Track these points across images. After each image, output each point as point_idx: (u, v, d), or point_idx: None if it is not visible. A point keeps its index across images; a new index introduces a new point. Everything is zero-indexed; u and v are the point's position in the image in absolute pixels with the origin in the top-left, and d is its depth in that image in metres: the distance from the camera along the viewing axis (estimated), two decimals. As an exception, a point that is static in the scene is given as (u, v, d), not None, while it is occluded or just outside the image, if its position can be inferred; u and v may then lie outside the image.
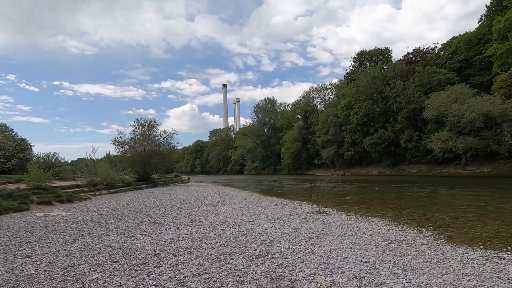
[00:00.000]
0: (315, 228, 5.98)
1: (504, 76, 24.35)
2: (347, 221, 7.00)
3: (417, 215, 8.03)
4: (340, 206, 10.12)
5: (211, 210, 8.58)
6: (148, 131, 25.30)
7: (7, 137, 26.10)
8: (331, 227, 6.11)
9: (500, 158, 26.94)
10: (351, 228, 6.03)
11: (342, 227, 6.18)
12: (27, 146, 31.01)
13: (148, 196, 13.78)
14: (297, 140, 61.22)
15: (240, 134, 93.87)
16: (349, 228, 6.08)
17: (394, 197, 12.80)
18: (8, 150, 22.26)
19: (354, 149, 45.46)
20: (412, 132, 34.81)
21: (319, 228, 6.00)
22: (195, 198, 12.73)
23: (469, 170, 29.22)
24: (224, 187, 23.31)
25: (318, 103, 69.40)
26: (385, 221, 7.10)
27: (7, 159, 22.07)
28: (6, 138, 25.40)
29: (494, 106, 21.97)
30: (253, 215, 7.64)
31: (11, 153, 22.46)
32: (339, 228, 6.01)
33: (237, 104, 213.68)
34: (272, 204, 10.57)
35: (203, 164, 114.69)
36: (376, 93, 40.31)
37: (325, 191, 8.86)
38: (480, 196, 12.20)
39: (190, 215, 7.60)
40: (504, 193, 13.46)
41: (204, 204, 10.30)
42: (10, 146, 22.78)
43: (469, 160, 29.80)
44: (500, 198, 11.58)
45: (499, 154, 26.64)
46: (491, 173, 26.63)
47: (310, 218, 7.37)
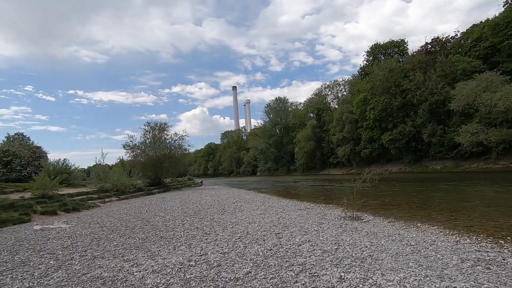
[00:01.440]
0: (360, 242, 4.75)
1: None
2: (393, 230, 5.73)
3: (476, 220, 6.63)
4: (373, 210, 8.82)
5: (228, 219, 7.45)
6: (159, 134, 24.55)
7: (23, 145, 26.01)
8: (380, 240, 4.85)
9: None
10: (406, 241, 4.76)
11: (394, 240, 4.91)
12: (42, 153, 30.98)
13: (159, 202, 12.83)
14: (311, 139, 59.58)
15: (252, 135, 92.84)
16: (403, 241, 4.81)
17: (431, 197, 11.33)
18: (24, 158, 21.99)
19: (372, 146, 43.51)
20: (435, 125, 32.72)
21: (366, 242, 4.76)
22: (209, 203, 11.67)
23: (502, 164, 27.01)
24: (239, 189, 22.22)
25: (331, 100, 67.52)
26: (441, 230, 5.77)
27: (23, 167, 21.78)
28: (22, 146, 25.27)
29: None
30: (278, 224, 6.46)
31: (27, 161, 22.19)
32: (391, 242, 4.75)
33: (247, 106, 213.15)
34: (296, 208, 9.36)
35: (216, 167, 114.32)
36: (393, 87, 38.33)
37: (353, 192, 7.60)
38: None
39: (204, 226, 6.49)
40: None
41: (219, 210, 9.20)
42: (25, 154, 22.52)
43: (500, 153, 27.59)
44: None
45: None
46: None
47: (346, 226, 6.13)
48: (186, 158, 30.13)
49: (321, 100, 68.18)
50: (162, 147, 24.17)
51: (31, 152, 25.54)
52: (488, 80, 23.50)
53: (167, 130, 24.90)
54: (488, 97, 22.25)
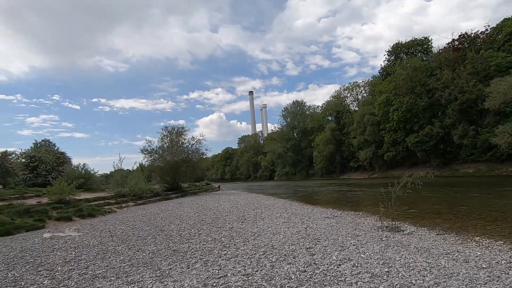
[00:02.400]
0: (414, 262, 3.84)
1: None
2: (448, 246, 4.76)
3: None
4: (412, 219, 7.77)
5: (249, 228, 6.68)
6: (176, 138, 24.31)
7: (48, 151, 26.69)
8: (438, 260, 3.92)
9: None
10: (474, 262, 3.79)
11: (455, 259, 3.96)
12: (66, 159, 31.70)
13: (175, 208, 12.28)
14: (330, 142, 57.99)
15: (269, 139, 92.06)
16: (468, 261, 3.85)
17: (476, 204, 10.05)
18: (49, 164, 22.41)
19: (396, 149, 41.48)
20: (466, 126, 30.55)
21: (421, 262, 3.84)
22: (227, 210, 10.97)
23: (545, 167, 24.64)
24: (257, 195, 21.44)
25: (350, 102, 65.69)
26: (510, 246, 4.72)
27: (48, 172, 22.17)
28: (47, 152, 25.91)
29: None
30: (306, 236, 5.62)
31: (51, 166, 22.59)
32: (454, 263, 3.80)
33: (264, 110, 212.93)
34: (322, 216, 8.46)
35: (233, 171, 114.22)
36: (418, 86, 36.39)
37: (392, 199, 6.61)
38: None
39: (223, 237, 5.76)
40: None
41: (238, 218, 8.45)
42: (50, 159, 22.95)
43: (542, 155, 25.22)
44: None
45: None
46: None
47: (388, 240, 5.20)
48: (204, 163, 29.73)
49: (340, 103, 66.48)
50: (180, 152, 23.88)
51: (56, 157, 26.14)
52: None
53: (185, 134, 24.65)
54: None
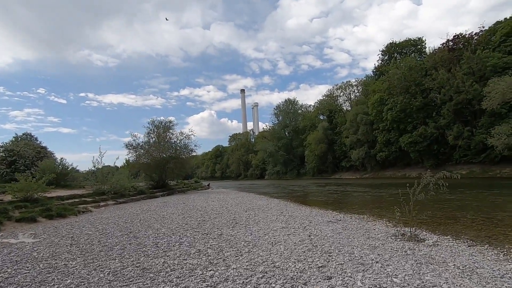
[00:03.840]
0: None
1: None
2: (496, 265, 3.79)
3: None
4: (427, 225, 6.82)
5: (242, 235, 5.57)
6: (164, 133, 22.92)
7: (28, 145, 24.99)
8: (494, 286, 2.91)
9: None
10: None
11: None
12: (47, 153, 29.82)
13: (158, 209, 11.04)
14: (322, 142, 57.34)
15: (260, 137, 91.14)
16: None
17: (489, 207, 9.21)
18: (28, 158, 20.77)
19: (388, 149, 41.06)
20: (461, 127, 30.21)
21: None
22: (216, 211, 9.81)
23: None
24: (248, 194, 20.35)
25: (343, 101, 65.23)
26: None
27: (26, 167, 20.52)
28: (27, 146, 24.22)
29: None
30: (313, 247, 4.54)
31: (31, 161, 20.94)
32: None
33: (255, 109, 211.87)
34: (324, 220, 7.43)
35: (223, 170, 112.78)
36: (413, 86, 35.97)
37: (411, 203, 5.62)
38: None
39: (209, 248, 4.61)
40: None
41: (229, 222, 7.32)
42: (30, 154, 21.29)
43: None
44: None
45: None
46: None
47: (416, 254, 4.19)
48: (194, 160, 28.45)
49: (332, 102, 65.94)
50: (167, 147, 22.52)
51: (36, 152, 24.40)
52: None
53: (173, 129, 23.29)
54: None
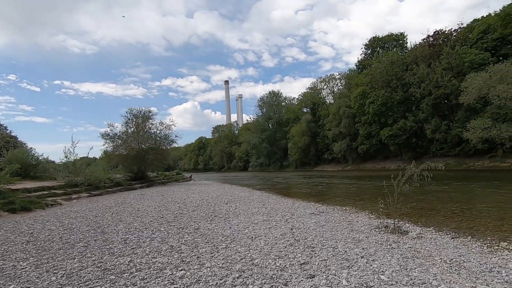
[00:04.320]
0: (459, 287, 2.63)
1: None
2: (482, 258, 3.70)
3: None
4: (409, 216, 6.75)
5: (220, 229, 5.22)
6: (143, 123, 22.01)
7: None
8: (486, 282, 2.75)
9: (547, 148, 23.32)
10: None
11: (508, 281, 2.81)
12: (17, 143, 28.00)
13: (134, 201, 10.49)
14: (305, 134, 57.71)
15: (244, 129, 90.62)
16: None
17: (467, 198, 9.37)
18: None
19: (370, 142, 41.85)
20: (439, 121, 31.12)
21: (465, 286, 2.64)
22: (195, 203, 9.41)
23: (510, 162, 25.59)
24: (231, 185, 20.03)
25: (326, 94, 65.76)
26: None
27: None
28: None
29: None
30: (295, 242, 4.28)
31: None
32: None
33: (239, 101, 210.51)
34: (307, 212, 7.23)
35: (206, 161, 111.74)
36: (394, 80, 36.60)
37: (395, 194, 5.48)
38: None
39: (183, 244, 4.24)
40: None
41: (207, 215, 6.95)
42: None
43: (506, 151, 26.15)
44: None
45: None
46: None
47: (401, 248, 4.02)
48: (176, 152, 27.72)
49: (316, 95, 66.32)
50: (146, 138, 21.69)
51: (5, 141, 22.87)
52: (503, 71, 21.83)
53: (152, 119, 22.41)
54: (504, 89, 20.59)
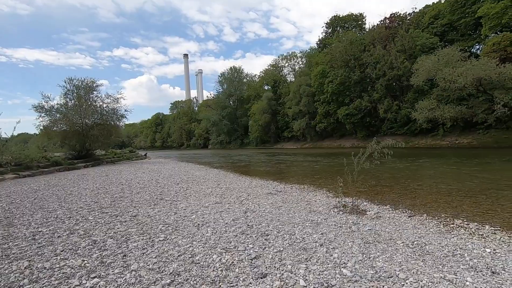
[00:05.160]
0: (421, 275, 2.30)
1: (497, 38, 22.49)
2: (441, 239, 3.54)
3: None
4: (366, 194, 6.64)
5: (162, 216, 4.49)
6: (86, 95, 19.53)
7: None
8: (456, 270, 2.49)
9: (479, 128, 25.95)
10: (492, 268, 2.46)
11: (482, 272, 2.58)
12: None
13: (70, 183, 9.15)
14: (266, 112, 57.60)
15: (204, 106, 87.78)
16: (488, 268, 2.51)
17: (418, 175, 9.76)
18: None
19: (327, 120, 43.10)
20: (391, 101, 32.84)
21: (438, 278, 2.33)
22: (142, 184, 8.46)
23: (448, 141, 28.16)
24: (188, 164, 19.07)
25: (287, 72, 65.75)
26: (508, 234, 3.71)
27: None
28: None
29: (490, 70, 20.02)
30: (247, 228, 3.74)
31: None
32: (475, 273, 2.41)
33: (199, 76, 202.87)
34: (265, 192, 6.79)
35: (164, 139, 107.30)
36: (352, 60, 37.43)
37: (355, 172, 5.22)
38: None
39: (110, 239, 3.44)
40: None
41: (152, 198, 6.13)
42: None
43: (446, 131, 28.68)
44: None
45: (478, 124, 25.58)
46: (471, 144, 25.63)
47: (361, 230, 3.72)
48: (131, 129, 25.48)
49: (277, 72, 65.94)
50: (90, 112, 19.37)
51: None
52: (449, 55, 23.25)
53: (97, 91, 19.98)
54: (449, 72, 22.00)
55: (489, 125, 24.44)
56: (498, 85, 20.89)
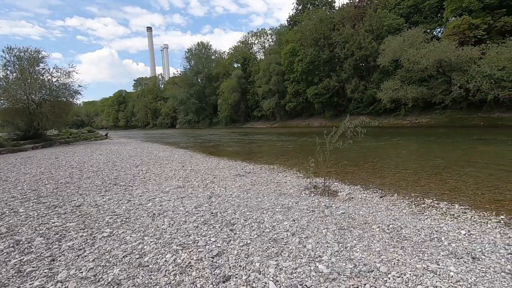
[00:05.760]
0: (411, 273, 2.05)
1: (457, 22, 23.39)
2: (416, 221, 3.41)
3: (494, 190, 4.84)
4: (336, 174, 6.50)
5: (113, 205, 3.89)
6: (30, 67, 17.23)
7: None
8: (439, 258, 2.29)
9: (436, 108, 27.51)
10: (492, 262, 2.31)
11: (463, 260, 2.41)
12: None
13: (8, 167, 7.98)
14: (235, 90, 56.28)
15: (171, 83, 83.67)
16: (483, 260, 2.35)
17: (384, 153, 9.92)
18: None
19: (297, 100, 43.17)
20: (358, 81, 33.48)
21: (421, 270, 2.09)
22: (96, 167, 7.60)
23: (409, 120, 29.62)
24: (152, 144, 18.00)
25: (257, 50, 64.22)
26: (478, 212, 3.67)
27: None
28: None
29: (449, 52, 20.91)
30: (211, 217, 3.30)
31: None
32: (459, 261, 2.22)
33: (165, 51, 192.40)
34: (232, 174, 6.37)
35: (128, 118, 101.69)
36: (322, 39, 37.20)
37: (327, 152, 4.97)
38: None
39: (39, 237, 2.81)
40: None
41: (105, 183, 5.43)
42: None
43: (408, 111, 30.08)
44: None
45: (436, 104, 27.08)
46: (429, 123, 27.19)
47: (334, 215, 3.46)
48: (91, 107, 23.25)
49: (247, 50, 64.13)
50: (37, 87, 17.22)
51: None
52: (414, 36, 23.84)
53: (44, 62, 17.71)
54: (413, 53, 22.64)
55: (445, 105, 25.97)
56: (456, 67, 22.02)
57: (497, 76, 19.36)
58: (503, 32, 21.68)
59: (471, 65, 21.30)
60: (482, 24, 22.62)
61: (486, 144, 11.17)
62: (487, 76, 19.82)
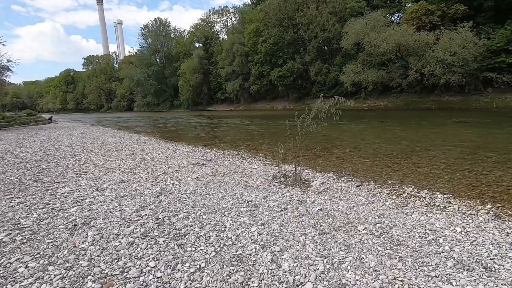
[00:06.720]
0: None
1: (415, 7, 24.02)
2: (402, 215, 2.93)
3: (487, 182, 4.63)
4: (308, 161, 5.97)
5: (19, 213, 2.89)
6: None
7: None
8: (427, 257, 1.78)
9: (393, 92, 28.66)
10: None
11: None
12: None
13: None
14: (197, 72, 53.65)
15: (126, 63, 77.34)
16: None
17: (351, 137, 9.70)
18: None
19: (261, 82, 42.34)
20: (321, 64, 33.51)
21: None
22: (21, 157, 6.23)
23: (367, 104, 30.59)
24: (103, 129, 16.21)
25: (220, 29, 61.49)
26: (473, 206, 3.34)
27: None
28: None
29: (408, 37, 21.50)
30: (155, 227, 2.50)
31: None
32: None
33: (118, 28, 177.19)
34: (190, 162, 5.54)
35: (79, 100, 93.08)
36: (286, 19, 36.34)
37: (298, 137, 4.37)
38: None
39: None
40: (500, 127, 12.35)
41: (23, 178, 4.28)
42: None
43: (367, 94, 31.00)
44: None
45: (393, 88, 28.18)
46: (387, 106, 28.32)
47: (309, 211, 2.87)
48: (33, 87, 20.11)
49: (209, 28, 61.05)
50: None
51: None
52: (375, 19, 24.07)
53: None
54: (375, 36, 22.90)
55: (402, 89, 27.12)
56: (413, 52, 22.85)
57: (449, 61, 20.37)
58: (455, 19, 22.75)
59: (426, 50, 22.16)
60: (437, 10, 23.49)
61: (439, 127, 11.55)
62: (440, 61, 20.78)
